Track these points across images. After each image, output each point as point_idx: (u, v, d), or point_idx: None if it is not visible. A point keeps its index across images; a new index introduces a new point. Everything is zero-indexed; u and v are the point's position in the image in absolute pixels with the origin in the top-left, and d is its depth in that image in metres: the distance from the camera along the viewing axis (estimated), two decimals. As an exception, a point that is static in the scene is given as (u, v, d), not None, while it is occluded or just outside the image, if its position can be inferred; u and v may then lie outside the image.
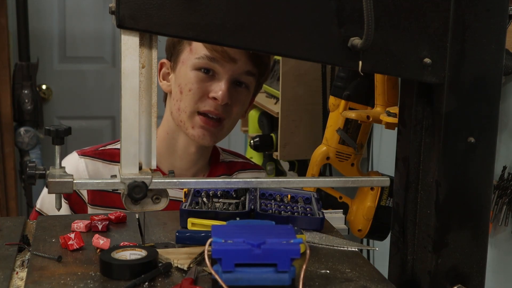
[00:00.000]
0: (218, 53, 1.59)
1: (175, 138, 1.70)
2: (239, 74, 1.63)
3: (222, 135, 1.69)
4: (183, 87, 1.62)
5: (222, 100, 1.60)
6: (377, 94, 1.58)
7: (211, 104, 1.61)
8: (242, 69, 1.63)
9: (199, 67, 1.61)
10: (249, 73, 1.65)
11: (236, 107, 1.65)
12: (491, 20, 1.04)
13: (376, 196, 1.65)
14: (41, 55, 3.29)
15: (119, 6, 0.97)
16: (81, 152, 1.72)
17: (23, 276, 1.07)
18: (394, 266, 1.20)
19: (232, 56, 1.59)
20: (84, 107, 3.46)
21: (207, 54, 1.60)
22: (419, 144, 1.12)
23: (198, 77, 1.61)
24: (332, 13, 1.01)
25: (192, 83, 1.61)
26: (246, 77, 1.65)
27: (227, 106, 1.63)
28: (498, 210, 1.73)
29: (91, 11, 3.39)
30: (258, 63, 1.66)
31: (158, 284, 1.02)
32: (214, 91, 1.60)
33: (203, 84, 1.61)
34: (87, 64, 3.43)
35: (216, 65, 1.60)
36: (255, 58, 1.64)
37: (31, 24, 3.25)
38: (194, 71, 1.61)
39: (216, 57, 1.59)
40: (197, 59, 1.61)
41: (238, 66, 1.62)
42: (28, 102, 3.16)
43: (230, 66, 1.61)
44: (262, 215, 1.27)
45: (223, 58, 1.59)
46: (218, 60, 1.60)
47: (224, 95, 1.60)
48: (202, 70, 1.61)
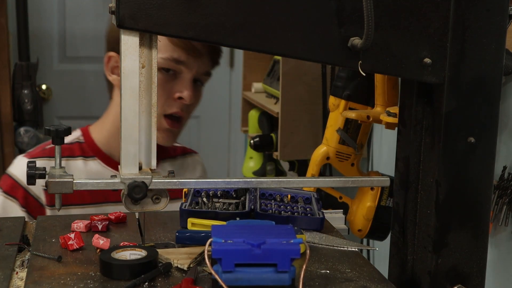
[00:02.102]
0: (185, 50, 1.54)
1: None
2: (200, 74, 1.62)
3: (179, 135, 1.69)
4: None
5: (190, 100, 1.58)
6: (377, 94, 1.58)
7: (178, 105, 1.59)
8: (204, 69, 1.63)
9: (162, 67, 1.55)
10: (207, 74, 1.66)
11: (194, 105, 1.66)
12: (491, 20, 1.05)
13: (376, 196, 1.65)
14: (41, 55, 3.29)
15: (119, 6, 0.98)
16: (28, 155, 1.69)
17: (23, 276, 1.07)
18: (394, 266, 1.20)
19: (200, 51, 1.56)
20: (84, 107, 3.45)
21: (175, 56, 1.55)
22: (419, 144, 1.12)
23: (162, 78, 1.55)
24: (332, 13, 1.01)
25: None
26: (204, 77, 1.66)
27: (188, 106, 1.62)
28: (498, 210, 1.72)
29: (91, 11, 3.38)
30: (216, 63, 1.66)
31: (158, 284, 1.02)
32: (180, 91, 1.57)
33: (167, 85, 1.56)
34: (87, 64, 3.43)
35: (181, 66, 1.56)
36: (216, 58, 1.63)
37: (31, 24, 3.25)
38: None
39: (181, 57, 1.54)
40: (162, 59, 1.54)
41: (201, 66, 1.59)
42: (28, 102, 3.15)
43: (195, 65, 1.57)
44: (262, 215, 1.27)
45: (191, 54, 1.55)
46: (183, 61, 1.55)
47: (190, 95, 1.58)
48: (166, 70, 1.56)
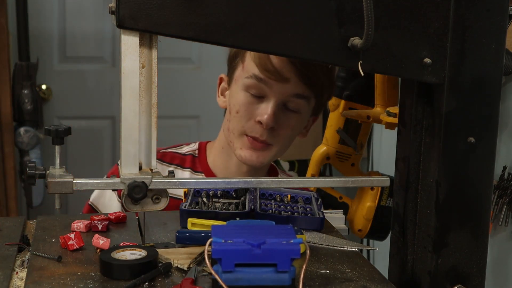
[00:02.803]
0: (269, 72, 1.51)
1: (229, 154, 1.66)
2: (288, 97, 1.54)
3: (272, 157, 1.62)
4: (232, 108, 1.57)
5: (267, 125, 1.53)
6: (377, 94, 1.58)
7: (257, 130, 1.55)
8: (291, 91, 1.54)
9: (248, 87, 1.55)
10: (299, 96, 1.55)
11: (284, 131, 1.57)
12: (491, 20, 1.04)
13: (376, 196, 1.65)
14: (41, 55, 3.28)
15: (119, 6, 0.98)
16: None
17: (23, 276, 1.07)
18: (394, 266, 1.20)
19: (283, 75, 1.51)
20: (84, 107, 3.45)
21: (255, 73, 1.53)
22: (419, 144, 1.12)
23: (246, 99, 1.55)
24: (332, 13, 1.01)
25: (240, 105, 1.55)
26: (296, 100, 1.55)
27: (273, 131, 1.56)
28: (498, 210, 1.73)
29: (91, 11, 3.38)
30: (311, 85, 1.55)
31: (158, 284, 1.02)
32: (260, 114, 1.54)
33: (250, 107, 1.55)
34: (87, 64, 3.43)
35: (264, 86, 1.53)
36: (307, 80, 1.54)
37: (31, 24, 3.25)
38: (243, 92, 1.56)
39: (265, 77, 1.52)
40: (246, 78, 1.55)
41: (287, 88, 1.53)
42: (28, 102, 3.15)
43: (278, 87, 1.52)
44: (262, 215, 1.27)
45: (273, 77, 1.51)
46: (266, 81, 1.52)
47: (269, 119, 1.52)
48: (252, 91, 1.55)
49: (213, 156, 1.72)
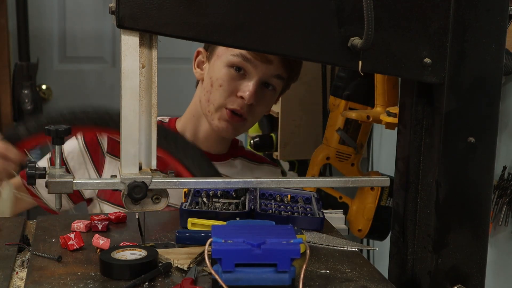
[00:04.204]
0: (255, 53, 1.62)
1: (199, 122, 1.76)
2: (269, 77, 1.67)
3: (243, 130, 1.75)
4: (214, 81, 1.67)
5: (249, 100, 1.64)
6: (377, 94, 1.58)
7: (238, 103, 1.66)
8: (273, 72, 1.67)
9: (232, 64, 1.65)
10: (278, 77, 1.69)
11: (260, 107, 1.70)
12: (491, 20, 1.04)
13: (376, 196, 1.65)
14: (41, 55, 3.28)
15: (119, 6, 0.98)
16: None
17: (23, 276, 1.07)
18: (394, 266, 1.20)
19: (268, 58, 1.63)
20: (84, 107, 3.45)
21: (242, 53, 1.64)
22: (419, 144, 1.12)
23: (230, 74, 1.66)
24: (332, 13, 1.01)
25: (223, 79, 1.66)
26: (275, 80, 1.69)
27: (251, 106, 1.67)
28: (498, 210, 1.73)
29: (91, 11, 3.38)
30: (290, 68, 1.70)
31: (158, 284, 1.02)
32: (242, 90, 1.65)
33: (234, 82, 1.66)
34: (87, 64, 3.43)
35: (249, 65, 1.65)
36: (287, 63, 1.68)
37: (31, 24, 3.25)
38: (226, 68, 1.66)
39: (251, 58, 1.63)
40: (232, 55, 1.65)
41: (270, 69, 1.66)
42: (28, 102, 3.15)
43: (263, 67, 1.65)
44: (262, 215, 1.27)
45: (259, 58, 1.63)
46: (252, 61, 1.64)
47: (251, 95, 1.64)
48: (235, 68, 1.65)
49: (182, 123, 1.81)
